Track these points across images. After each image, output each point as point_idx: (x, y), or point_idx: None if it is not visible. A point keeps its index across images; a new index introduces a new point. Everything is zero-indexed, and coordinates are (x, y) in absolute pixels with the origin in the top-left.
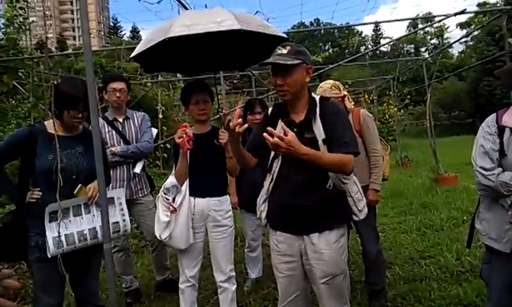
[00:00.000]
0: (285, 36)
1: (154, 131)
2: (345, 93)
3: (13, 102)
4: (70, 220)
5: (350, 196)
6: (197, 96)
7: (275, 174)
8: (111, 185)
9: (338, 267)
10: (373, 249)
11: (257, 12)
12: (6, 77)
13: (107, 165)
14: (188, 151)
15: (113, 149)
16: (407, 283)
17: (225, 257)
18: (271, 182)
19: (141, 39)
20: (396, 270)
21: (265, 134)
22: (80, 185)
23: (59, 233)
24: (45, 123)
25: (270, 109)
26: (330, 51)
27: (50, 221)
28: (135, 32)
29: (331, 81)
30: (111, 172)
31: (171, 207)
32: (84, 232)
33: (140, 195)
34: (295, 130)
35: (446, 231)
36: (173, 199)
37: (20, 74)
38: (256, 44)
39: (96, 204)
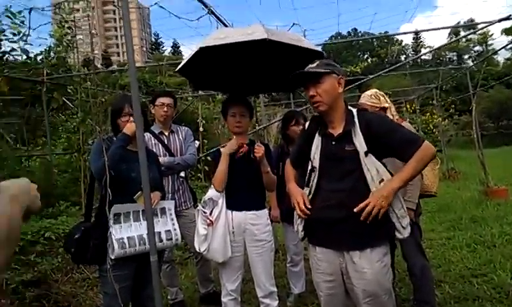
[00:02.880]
0: (320, 50)
1: (196, 143)
2: (387, 104)
3: (63, 116)
4: (130, 225)
5: (393, 211)
6: (234, 108)
7: (313, 187)
8: None
9: (381, 286)
10: (418, 264)
11: (294, 24)
12: (57, 93)
13: (162, 178)
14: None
15: (160, 160)
16: (458, 302)
17: (265, 272)
18: (308, 195)
19: (181, 55)
20: (446, 288)
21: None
22: (140, 191)
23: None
24: (115, 138)
25: (308, 122)
26: (369, 61)
27: (114, 223)
28: (175, 48)
29: (373, 90)
30: None
31: (207, 220)
32: (144, 236)
33: (184, 207)
34: (333, 142)
35: (498, 247)
36: (210, 212)
37: (69, 90)
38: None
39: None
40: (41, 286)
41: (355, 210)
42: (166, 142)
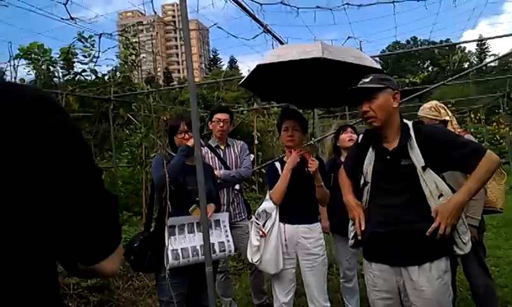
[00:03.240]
0: (377, 67)
1: (251, 157)
2: (448, 117)
3: (127, 131)
4: (185, 236)
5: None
6: (287, 123)
7: (366, 201)
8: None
9: (441, 306)
10: (481, 283)
11: (349, 38)
12: (122, 110)
13: (218, 190)
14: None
15: (216, 173)
16: None
17: (317, 286)
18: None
19: (238, 70)
20: None
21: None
22: (195, 204)
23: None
24: (174, 155)
25: (361, 136)
26: (430, 69)
27: (169, 235)
28: (233, 63)
29: (433, 102)
30: None
31: (260, 232)
32: (197, 248)
33: (238, 219)
34: (388, 157)
35: None
36: (264, 224)
37: (133, 107)
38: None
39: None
40: (104, 292)
41: (427, 233)
42: (222, 156)
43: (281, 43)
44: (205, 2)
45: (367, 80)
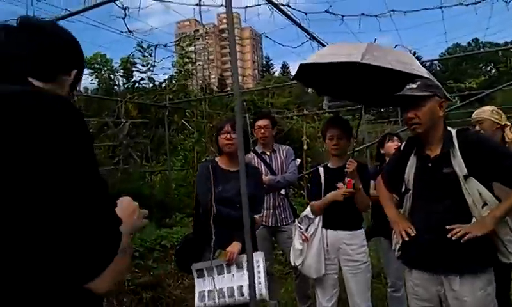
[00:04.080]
0: (422, 75)
1: (297, 161)
2: (508, 123)
3: (181, 136)
4: (213, 278)
5: (498, 237)
6: (332, 131)
7: (408, 209)
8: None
9: None
10: None
11: (396, 46)
12: (176, 116)
13: (263, 193)
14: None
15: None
16: None
17: (359, 293)
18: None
19: (290, 76)
20: None
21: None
22: (219, 250)
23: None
24: (216, 159)
25: (403, 143)
26: (492, 73)
27: (198, 277)
28: (285, 69)
29: (492, 107)
30: None
31: (303, 236)
32: (223, 290)
33: (284, 223)
34: (430, 165)
35: None
36: (306, 229)
37: (186, 113)
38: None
39: (236, 265)
40: (156, 289)
41: (448, 235)
42: (267, 161)
43: None
44: (253, 13)
45: (414, 86)
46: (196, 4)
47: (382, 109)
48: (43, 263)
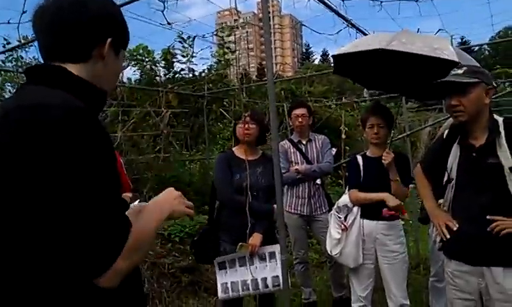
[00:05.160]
0: (451, 58)
1: (333, 151)
2: None
3: (220, 125)
4: (236, 270)
5: None
6: (372, 120)
7: (449, 200)
8: (292, 201)
9: None
10: None
11: (439, 30)
12: (215, 105)
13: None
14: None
15: (298, 168)
16: None
17: (396, 283)
18: (443, 207)
19: (329, 63)
20: None
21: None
22: (240, 243)
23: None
24: (233, 149)
25: (446, 132)
26: None
27: (220, 269)
28: (325, 56)
29: None
30: (294, 189)
31: (342, 225)
32: (247, 282)
33: (319, 212)
34: (474, 154)
35: None
36: (345, 218)
37: (225, 103)
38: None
39: (258, 257)
40: (194, 273)
41: (488, 229)
42: (303, 151)
43: (365, 35)
44: (290, 1)
45: (460, 72)
46: None
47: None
48: (50, 260)
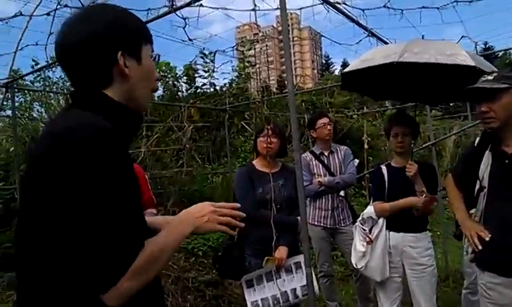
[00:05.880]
0: (466, 63)
1: (356, 162)
2: None
3: (242, 138)
4: (264, 286)
5: None
6: (396, 128)
7: (482, 209)
8: (316, 213)
9: None
10: None
11: (462, 37)
12: (237, 119)
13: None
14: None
15: (320, 180)
16: None
17: (424, 297)
18: (475, 217)
19: None
20: None
21: None
22: (266, 257)
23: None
24: (253, 162)
25: (477, 139)
26: None
27: (247, 287)
28: (345, 67)
29: None
30: (317, 201)
31: (367, 238)
32: (277, 296)
33: (342, 224)
34: (506, 161)
35: None
36: (370, 230)
37: (246, 116)
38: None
39: (285, 269)
40: (218, 287)
41: None
42: (326, 162)
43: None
44: (309, 13)
45: (490, 78)
46: (252, 9)
47: (451, 104)
48: (62, 270)
